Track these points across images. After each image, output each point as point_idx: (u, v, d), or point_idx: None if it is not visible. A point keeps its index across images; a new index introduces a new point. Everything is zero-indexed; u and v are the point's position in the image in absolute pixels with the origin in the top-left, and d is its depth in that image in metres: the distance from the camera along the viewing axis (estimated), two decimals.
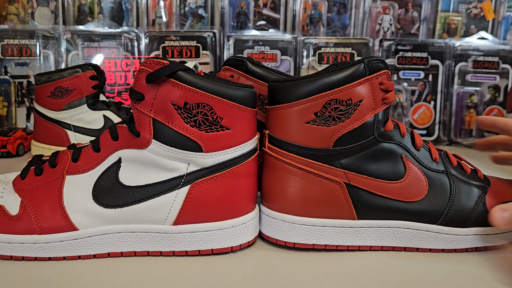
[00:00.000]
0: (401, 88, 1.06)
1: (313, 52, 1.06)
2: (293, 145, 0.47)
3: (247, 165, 0.46)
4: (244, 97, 0.45)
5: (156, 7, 1.11)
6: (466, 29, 1.14)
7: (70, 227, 0.45)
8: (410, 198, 0.48)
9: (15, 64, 1.02)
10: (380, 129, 0.47)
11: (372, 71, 0.46)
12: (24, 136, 0.89)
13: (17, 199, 0.46)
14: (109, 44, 1.03)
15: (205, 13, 1.12)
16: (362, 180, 0.47)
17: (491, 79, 1.05)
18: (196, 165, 0.45)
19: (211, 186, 0.45)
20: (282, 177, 0.48)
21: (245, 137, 0.46)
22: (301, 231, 0.48)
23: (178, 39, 1.04)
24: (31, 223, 0.44)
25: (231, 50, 1.05)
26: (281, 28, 1.13)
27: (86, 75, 0.80)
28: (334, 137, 0.47)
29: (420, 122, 1.06)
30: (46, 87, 0.80)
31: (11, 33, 1.01)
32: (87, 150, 0.46)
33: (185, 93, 0.43)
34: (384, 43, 1.06)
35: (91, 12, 1.10)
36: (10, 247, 0.45)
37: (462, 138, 1.06)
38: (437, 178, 0.48)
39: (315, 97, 0.46)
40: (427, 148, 0.50)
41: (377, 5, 1.13)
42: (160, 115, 0.43)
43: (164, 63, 0.43)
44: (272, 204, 0.49)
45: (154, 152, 0.44)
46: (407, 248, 0.49)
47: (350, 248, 0.49)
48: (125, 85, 1.03)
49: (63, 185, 0.45)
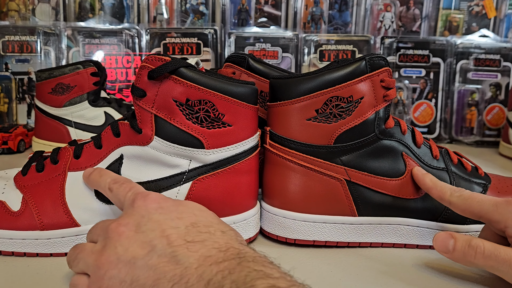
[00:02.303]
0: (402, 85, 1.06)
1: (314, 49, 1.06)
2: (294, 142, 0.47)
3: (248, 161, 0.47)
4: (245, 94, 0.45)
5: (157, 3, 1.11)
6: (468, 26, 1.14)
7: (72, 223, 0.45)
8: (410, 195, 0.48)
9: (16, 60, 1.01)
10: (381, 126, 0.47)
11: (374, 69, 0.46)
12: (25, 132, 0.89)
13: (19, 195, 0.46)
14: (110, 41, 1.03)
15: (206, 10, 1.12)
16: (362, 177, 0.47)
17: (492, 77, 1.05)
18: (198, 161, 0.45)
19: (212, 182, 0.45)
20: (283, 173, 0.48)
21: (246, 133, 0.46)
22: (302, 227, 0.48)
23: (179, 36, 1.04)
24: (33, 219, 0.44)
25: (232, 47, 1.05)
26: (282, 25, 1.13)
27: (87, 71, 0.80)
28: (335, 134, 0.47)
29: (421, 120, 1.06)
30: (47, 83, 0.80)
31: (12, 29, 1.01)
32: (89, 147, 0.46)
33: (187, 90, 0.43)
34: (385, 41, 1.06)
35: (92, 8, 1.10)
36: (11, 243, 0.45)
37: (463, 136, 1.06)
38: (437, 175, 0.48)
39: (316, 94, 0.46)
40: (427, 146, 0.50)
41: (379, 2, 1.13)
42: (162, 111, 0.43)
43: (166, 59, 0.43)
44: (273, 200, 0.49)
45: (156, 148, 0.44)
46: (407, 245, 0.49)
47: (350, 244, 0.49)
48: (126, 82, 1.03)
49: (65, 182, 0.45)
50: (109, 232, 0.36)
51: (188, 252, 0.32)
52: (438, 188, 0.45)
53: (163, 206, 0.37)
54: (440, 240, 0.40)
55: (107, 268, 0.34)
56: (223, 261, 0.31)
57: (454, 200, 0.43)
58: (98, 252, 0.35)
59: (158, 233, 0.34)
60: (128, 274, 0.33)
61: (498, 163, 0.90)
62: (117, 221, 0.36)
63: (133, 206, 0.38)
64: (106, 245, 0.35)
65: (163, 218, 0.36)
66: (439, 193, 0.45)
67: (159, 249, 0.33)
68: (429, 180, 0.46)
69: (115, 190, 0.41)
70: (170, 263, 0.32)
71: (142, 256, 0.33)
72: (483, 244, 0.38)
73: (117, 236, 0.35)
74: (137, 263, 0.33)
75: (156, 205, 0.37)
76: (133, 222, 0.36)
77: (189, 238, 0.34)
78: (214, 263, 0.31)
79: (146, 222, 0.35)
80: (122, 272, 0.33)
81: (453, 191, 0.44)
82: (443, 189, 0.45)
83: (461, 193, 0.43)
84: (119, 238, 0.35)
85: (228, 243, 0.34)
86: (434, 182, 0.46)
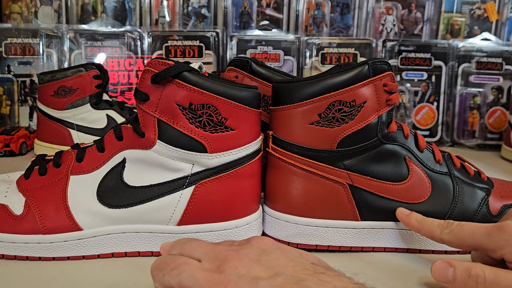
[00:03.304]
0: (404, 89, 1.06)
1: (316, 52, 1.06)
2: (296, 146, 0.47)
3: (251, 165, 0.46)
4: (248, 98, 0.45)
5: (159, 6, 1.11)
6: (470, 30, 1.14)
7: (74, 227, 0.45)
8: (413, 200, 0.48)
9: (18, 63, 1.02)
10: (384, 130, 0.47)
11: (376, 73, 0.46)
12: (27, 135, 0.89)
13: (21, 198, 0.46)
14: (112, 44, 1.03)
15: (208, 13, 1.12)
16: (365, 181, 0.47)
17: (494, 80, 1.05)
18: (200, 165, 0.45)
19: (215, 186, 0.45)
20: (286, 177, 0.48)
21: (249, 137, 0.46)
22: (304, 231, 0.48)
23: (181, 38, 1.04)
24: (35, 223, 0.44)
25: (234, 50, 1.05)
26: (284, 28, 1.13)
27: (90, 74, 0.80)
28: (337, 138, 0.47)
29: (423, 123, 1.06)
30: (50, 86, 0.80)
31: (14, 31, 1.01)
32: (92, 150, 0.46)
33: (190, 94, 0.43)
34: (387, 44, 1.06)
35: (94, 11, 1.10)
36: (14, 247, 0.45)
37: (465, 140, 1.06)
38: (440, 180, 0.48)
39: (319, 98, 0.46)
40: (430, 150, 0.50)
41: (380, 5, 1.13)
42: (165, 115, 0.43)
43: (169, 63, 0.43)
44: (276, 204, 0.49)
45: (159, 152, 0.44)
46: (409, 249, 0.49)
47: (353, 249, 0.49)
48: (128, 85, 1.04)
49: (67, 185, 0.45)
50: (227, 255, 0.33)
51: (319, 281, 0.30)
52: (426, 227, 0.44)
53: (282, 247, 0.35)
54: (439, 269, 0.39)
55: (226, 285, 0.31)
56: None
57: (446, 238, 0.42)
58: (212, 270, 0.33)
59: (283, 262, 0.32)
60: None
61: (500, 166, 0.90)
62: (233, 248, 0.34)
63: (249, 242, 0.35)
64: (222, 265, 0.33)
65: (285, 254, 0.34)
66: (429, 232, 0.44)
67: (285, 273, 0.31)
68: (415, 221, 0.45)
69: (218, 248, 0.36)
70: (298, 286, 0.29)
71: (265, 277, 0.31)
72: (483, 272, 0.37)
73: (237, 259, 0.33)
74: (260, 283, 0.30)
75: (275, 245, 0.35)
76: (253, 252, 0.33)
77: (318, 271, 0.31)
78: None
79: (268, 254, 0.33)
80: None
81: (442, 228, 0.43)
82: (432, 227, 0.44)
83: (451, 228, 0.42)
84: (240, 261, 0.32)
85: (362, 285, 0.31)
86: (420, 221, 0.45)
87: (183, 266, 0.33)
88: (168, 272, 0.34)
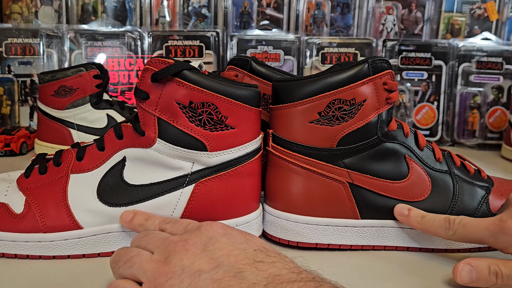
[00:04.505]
0: (404, 88, 1.06)
1: (316, 52, 1.06)
2: (296, 144, 0.47)
3: (251, 164, 0.47)
4: (248, 97, 0.45)
5: (160, 6, 1.11)
6: (470, 29, 1.14)
7: (74, 226, 0.45)
8: (413, 198, 0.48)
9: (19, 63, 1.02)
10: (384, 129, 0.47)
11: (376, 71, 0.46)
12: (28, 134, 0.89)
13: (22, 197, 0.46)
14: (113, 43, 1.03)
15: (209, 13, 1.12)
16: (365, 179, 0.47)
17: (494, 80, 1.05)
18: (200, 164, 0.45)
19: (215, 185, 0.45)
20: (286, 176, 0.48)
21: (249, 136, 0.46)
22: (304, 230, 0.48)
23: (181, 38, 1.04)
24: (36, 222, 0.45)
25: (234, 50, 1.05)
26: (284, 28, 1.13)
27: (90, 74, 0.80)
28: (337, 136, 0.47)
29: (423, 122, 1.06)
30: (50, 86, 0.80)
31: (14, 32, 1.01)
32: (92, 149, 0.46)
33: (190, 92, 0.43)
34: (387, 43, 1.06)
35: (95, 11, 1.10)
36: (14, 246, 0.45)
37: (465, 139, 1.06)
38: (440, 178, 0.48)
39: (319, 97, 0.46)
40: (430, 148, 0.50)
41: (381, 5, 1.13)
42: (165, 114, 0.44)
43: (169, 62, 0.43)
44: (276, 203, 0.49)
45: (159, 151, 0.44)
46: (410, 248, 0.49)
47: (353, 247, 0.49)
48: (129, 84, 1.04)
49: (67, 184, 0.45)
50: (175, 246, 0.35)
51: (257, 270, 0.32)
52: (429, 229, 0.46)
53: (230, 232, 0.37)
54: (464, 273, 0.41)
55: (169, 277, 0.33)
56: (296, 281, 0.30)
57: (452, 239, 0.45)
58: (160, 262, 0.34)
59: (226, 252, 0.34)
60: (190, 286, 0.32)
61: (500, 165, 0.90)
62: (183, 238, 0.36)
63: (199, 230, 0.37)
64: (169, 256, 0.34)
65: (230, 241, 0.35)
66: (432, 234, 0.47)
67: (226, 265, 0.32)
68: (416, 223, 0.47)
69: (170, 228, 0.40)
70: (236, 278, 0.31)
71: (207, 270, 0.32)
72: (499, 268, 0.40)
73: (183, 250, 0.34)
74: (202, 276, 0.32)
75: (223, 231, 0.37)
76: (200, 242, 0.35)
77: (257, 259, 0.33)
78: (286, 281, 0.30)
79: (214, 243, 0.35)
80: (185, 282, 0.32)
81: (446, 229, 0.45)
82: (435, 229, 0.45)
83: (454, 229, 0.44)
84: (186, 252, 0.34)
85: (300, 267, 0.33)
86: (421, 222, 0.46)
87: (135, 259, 0.36)
88: (122, 265, 0.36)
